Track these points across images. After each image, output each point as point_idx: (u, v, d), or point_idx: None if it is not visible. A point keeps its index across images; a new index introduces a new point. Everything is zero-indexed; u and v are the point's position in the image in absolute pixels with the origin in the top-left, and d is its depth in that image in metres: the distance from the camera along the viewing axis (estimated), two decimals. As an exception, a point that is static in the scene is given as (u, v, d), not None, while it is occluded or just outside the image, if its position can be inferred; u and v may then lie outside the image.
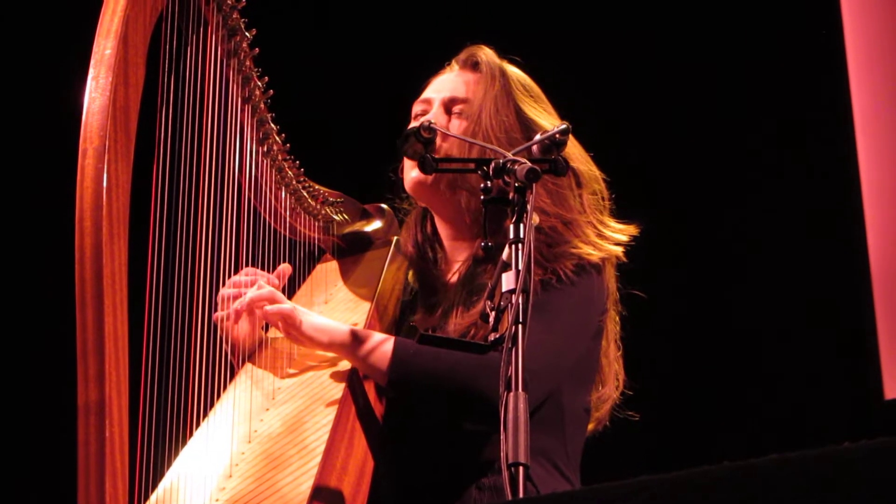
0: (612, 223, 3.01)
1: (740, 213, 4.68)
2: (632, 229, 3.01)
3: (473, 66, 3.12)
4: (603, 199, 3.04)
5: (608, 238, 2.97)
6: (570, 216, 2.95)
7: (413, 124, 2.89)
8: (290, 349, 2.98)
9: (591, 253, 2.91)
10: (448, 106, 3.07)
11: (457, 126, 3.02)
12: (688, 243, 4.68)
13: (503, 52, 3.14)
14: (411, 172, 3.02)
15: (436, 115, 3.04)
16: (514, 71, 3.11)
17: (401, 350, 2.76)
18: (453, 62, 3.17)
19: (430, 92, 3.13)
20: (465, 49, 3.15)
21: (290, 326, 2.82)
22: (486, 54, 3.11)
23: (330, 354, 2.88)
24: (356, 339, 2.80)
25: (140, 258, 2.38)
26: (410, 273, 3.19)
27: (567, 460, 2.86)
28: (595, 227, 2.97)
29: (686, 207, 4.70)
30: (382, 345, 2.78)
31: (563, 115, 3.06)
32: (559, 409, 2.85)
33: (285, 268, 3.02)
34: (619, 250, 2.97)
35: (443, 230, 3.12)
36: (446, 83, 3.12)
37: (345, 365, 2.83)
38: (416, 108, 3.13)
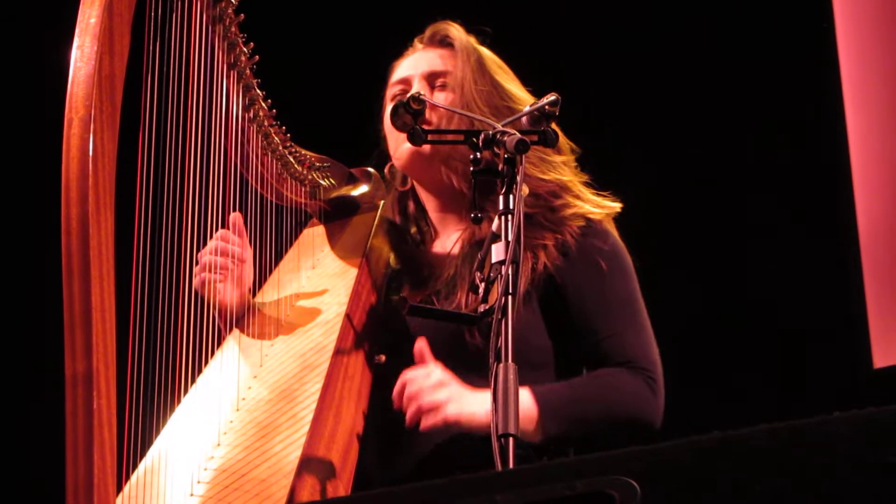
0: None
1: (729, 186, 4.68)
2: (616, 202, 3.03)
3: (441, 42, 3.11)
4: (579, 168, 3.05)
5: (604, 196, 3.00)
6: (565, 179, 2.97)
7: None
8: (279, 315, 2.98)
9: (593, 210, 2.94)
10: (430, 80, 3.06)
11: (442, 98, 3.01)
12: (675, 216, 4.68)
13: (468, 27, 3.14)
14: (404, 146, 3.01)
15: (419, 90, 3.02)
16: (481, 47, 3.11)
17: (546, 408, 2.70)
18: (416, 42, 3.16)
19: (404, 71, 3.12)
20: (431, 27, 3.14)
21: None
22: (457, 29, 3.11)
23: (318, 321, 2.89)
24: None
25: (127, 228, 2.37)
26: (393, 252, 3.18)
27: None
28: (589, 188, 3.00)
29: (672, 181, 4.71)
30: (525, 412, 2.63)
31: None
32: (551, 381, 2.85)
33: (236, 217, 2.98)
34: (618, 206, 2.99)
35: (430, 203, 3.12)
36: (420, 60, 3.11)
37: (334, 333, 2.83)
38: (393, 90, 3.12)
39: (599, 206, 2.96)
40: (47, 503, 2.59)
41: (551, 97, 2.51)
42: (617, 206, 2.99)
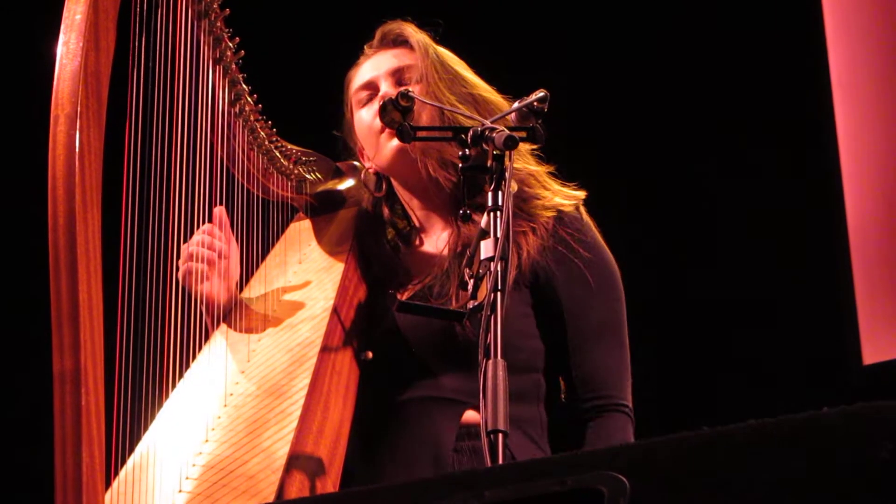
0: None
1: (717, 177, 4.68)
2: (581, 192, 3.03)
3: (395, 41, 3.09)
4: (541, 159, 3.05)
5: (569, 186, 3.01)
6: (533, 169, 2.98)
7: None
8: (266, 310, 2.98)
9: (564, 203, 2.95)
10: (395, 77, 3.05)
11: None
12: (661, 208, 4.69)
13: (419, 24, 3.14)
14: (390, 143, 3.00)
15: (389, 89, 3.02)
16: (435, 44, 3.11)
17: None
18: (366, 49, 3.15)
19: (367, 75, 3.10)
20: (380, 30, 3.13)
21: None
22: (410, 27, 3.10)
23: (305, 316, 2.89)
24: None
25: (114, 224, 2.36)
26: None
27: (541, 431, 2.87)
28: (554, 178, 3.01)
29: (658, 171, 4.71)
30: None
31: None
32: (537, 385, 2.88)
33: (220, 211, 2.98)
34: (582, 194, 2.99)
35: (413, 203, 3.11)
36: (379, 61, 3.10)
37: (321, 328, 2.83)
38: (359, 95, 3.10)
39: (568, 197, 2.97)
40: (36, 500, 2.58)
41: (540, 93, 2.50)
42: (581, 195, 2.99)
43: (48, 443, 2.14)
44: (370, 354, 2.87)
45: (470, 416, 2.75)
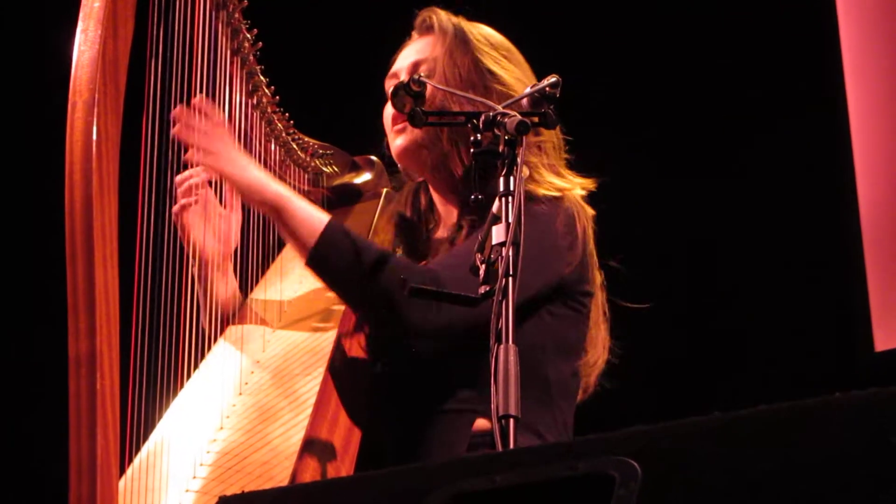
0: (570, 174, 2.97)
1: (726, 164, 4.68)
2: (590, 182, 2.97)
3: (428, 28, 3.10)
4: (561, 151, 3.01)
5: (567, 181, 2.94)
6: (532, 160, 2.91)
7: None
8: (281, 302, 2.99)
9: (546, 193, 2.88)
10: (414, 70, 3.04)
11: None
12: (670, 195, 4.68)
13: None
14: (396, 140, 3.01)
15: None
16: (476, 26, 3.07)
17: (330, 233, 2.72)
18: (413, 33, 3.16)
19: (396, 65, 3.10)
20: (418, 15, 3.14)
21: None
22: (437, 13, 3.09)
23: (321, 307, 2.89)
24: (288, 207, 2.76)
25: (130, 210, 2.38)
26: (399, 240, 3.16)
27: (558, 433, 2.80)
28: (552, 171, 2.94)
29: (672, 160, 4.70)
30: (313, 222, 2.73)
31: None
32: (545, 381, 2.82)
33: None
34: (579, 184, 2.93)
35: (436, 196, 3.10)
36: (409, 51, 3.09)
37: (336, 317, 2.84)
38: (388, 83, 3.09)
39: (552, 188, 2.90)
40: (51, 484, 2.60)
41: (552, 79, 2.50)
42: (568, 186, 2.91)
43: (63, 427, 2.15)
44: None
45: (480, 424, 2.74)
